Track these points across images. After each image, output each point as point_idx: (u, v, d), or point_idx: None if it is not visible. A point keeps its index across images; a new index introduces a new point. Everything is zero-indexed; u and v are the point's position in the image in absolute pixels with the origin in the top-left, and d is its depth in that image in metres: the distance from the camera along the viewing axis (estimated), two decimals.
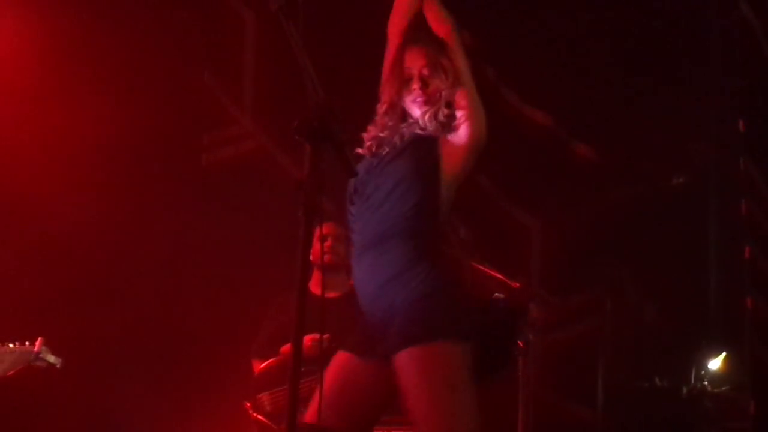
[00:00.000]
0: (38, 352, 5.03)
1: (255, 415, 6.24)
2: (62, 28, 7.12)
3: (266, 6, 3.54)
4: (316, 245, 6.11)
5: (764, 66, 7.88)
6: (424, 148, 4.54)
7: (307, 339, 4.33)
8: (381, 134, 4.63)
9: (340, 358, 4.50)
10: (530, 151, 7.97)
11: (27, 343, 5.06)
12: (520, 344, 5.71)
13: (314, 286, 6.31)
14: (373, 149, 4.62)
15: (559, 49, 7.96)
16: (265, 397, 6.20)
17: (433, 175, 4.50)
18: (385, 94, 4.69)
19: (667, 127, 7.84)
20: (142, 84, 7.43)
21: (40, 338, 5.06)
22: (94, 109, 7.22)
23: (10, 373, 5.04)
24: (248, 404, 6.34)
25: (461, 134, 4.53)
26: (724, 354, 7.48)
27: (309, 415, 4.39)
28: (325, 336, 4.28)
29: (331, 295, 6.47)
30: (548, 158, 8.01)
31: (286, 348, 6.24)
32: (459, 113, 4.55)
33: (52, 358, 5.08)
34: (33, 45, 7.02)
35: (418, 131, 4.58)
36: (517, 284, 5.76)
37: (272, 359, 6.41)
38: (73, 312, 7.04)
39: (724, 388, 7.32)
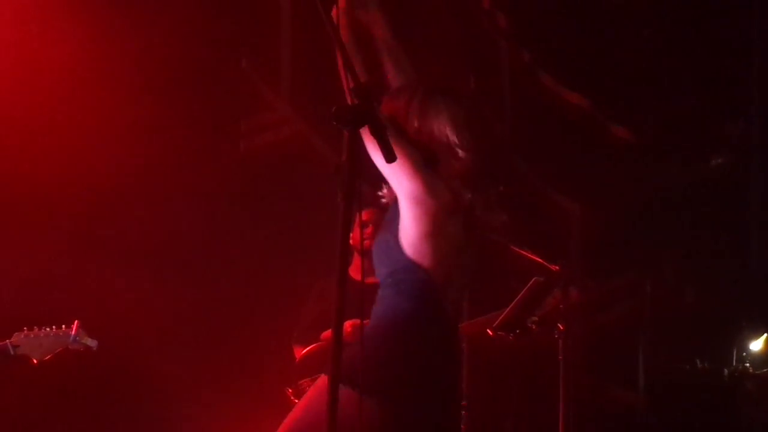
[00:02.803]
0: (76, 335, 5.07)
1: (296, 400, 6.25)
2: (100, 17, 7.14)
3: None
4: (356, 231, 6.10)
5: None
6: None
7: (348, 325, 4.35)
8: None
9: None
10: (568, 134, 7.95)
11: (63, 326, 5.11)
12: (561, 327, 5.71)
13: (354, 272, 6.31)
14: None
15: (594, 31, 7.93)
16: (306, 383, 6.21)
17: None
18: None
19: (706, 108, 7.81)
20: (179, 71, 7.45)
21: (76, 321, 5.11)
22: (132, 96, 7.25)
23: (47, 357, 5.09)
24: (290, 390, 6.36)
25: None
26: (765, 335, 7.45)
27: None
28: (366, 321, 4.28)
29: (371, 280, 6.45)
30: (586, 141, 7.98)
31: (327, 334, 6.26)
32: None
33: (88, 341, 5.12)
34: (71, 35, 7.04)
35: None
36: (557, 267, 5.75)
37: (313, 345, 6.42)
38: (112, 299, 7.07)
39: (766, 370, 7.29)
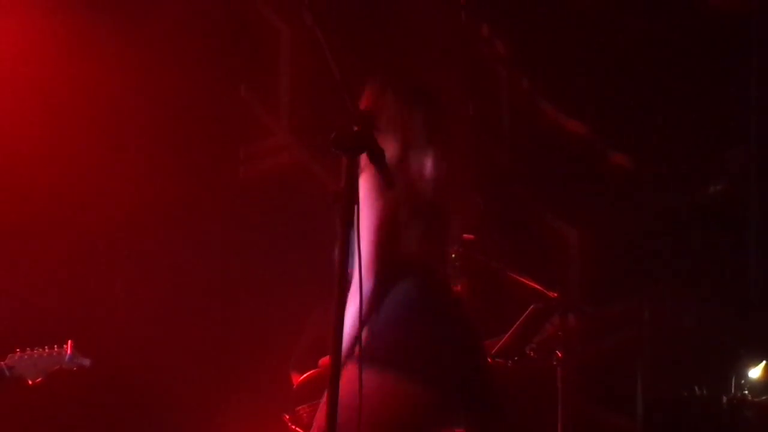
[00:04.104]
0: (71, 355, 5.11)
1: (294, 427, 6.24)
2: (102, 45, 7.16)
3: (301, 18, 3.55)
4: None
5: None
6: None
7: None
8: None
9: None
10: (567, 161, 7.96)
11: (55, 346, 5.14)
12: (559, 354, 5.71)
13: None
14: None
15: (594, 58, 7.95)
16: (303, 410, 6.19)
17: None
18: None
19: (704, 135, 7.81)
20: (179, 97, 7.47)
21: (69, 341, 5.14)
22: (131, 122, 7.28)
23: (38, 380, 5.11)
24: (287, 417, 6.34)
25: None
26: (764, 363, 7.43)
27: None
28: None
29: None
30: (585, 167, 7.99)
31: (325, 360, 6.24)
32: None
33: (82, 360, 5.16)
34: (75, 59, 7.07)
35: None
36: (555, 294, 5.75)
37: (311, 371, 6.41)
38: (108, 322, 7.08)
39: (764, 397, 7.27)
